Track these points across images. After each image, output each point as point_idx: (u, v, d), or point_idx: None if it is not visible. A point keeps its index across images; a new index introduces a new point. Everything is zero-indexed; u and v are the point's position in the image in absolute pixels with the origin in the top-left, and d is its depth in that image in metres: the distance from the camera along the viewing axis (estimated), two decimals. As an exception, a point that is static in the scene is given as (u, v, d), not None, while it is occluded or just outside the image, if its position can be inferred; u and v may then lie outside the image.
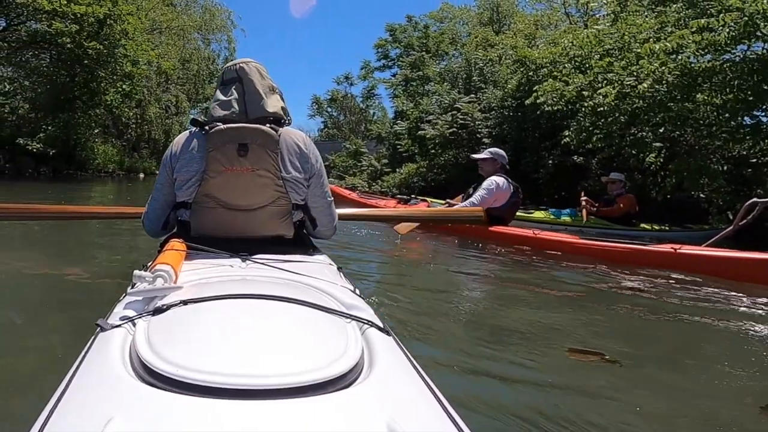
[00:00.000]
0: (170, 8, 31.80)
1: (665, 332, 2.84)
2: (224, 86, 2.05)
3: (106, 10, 19.77)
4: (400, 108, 20.36)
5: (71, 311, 2.62)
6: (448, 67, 19.47)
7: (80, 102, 22.03)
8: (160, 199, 2.07)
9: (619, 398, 1.88)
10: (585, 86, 8.21)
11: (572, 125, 9.03)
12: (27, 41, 20.62)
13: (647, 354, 2.46)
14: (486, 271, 4.16)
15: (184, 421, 0.74)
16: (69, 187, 14.85)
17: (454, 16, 31.76)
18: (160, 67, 27.00)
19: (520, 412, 1.72)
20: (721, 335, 2.79)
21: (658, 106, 7.20)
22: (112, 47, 21.10)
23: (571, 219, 7.49)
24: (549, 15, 18.12)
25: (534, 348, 2.38)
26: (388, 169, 19.10)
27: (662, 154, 8.00)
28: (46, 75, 21.70)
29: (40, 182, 17.65)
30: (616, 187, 7.69)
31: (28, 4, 18.00)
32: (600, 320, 2.96)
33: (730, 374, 2.18)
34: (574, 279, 4.00)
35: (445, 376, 1.93)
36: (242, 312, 1.10)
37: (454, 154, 14.44)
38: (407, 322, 2.63)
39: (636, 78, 7.14)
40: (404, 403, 0.86)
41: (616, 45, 7.79)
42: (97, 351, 1.00)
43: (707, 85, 6.74)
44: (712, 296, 3.50)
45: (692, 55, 6.55)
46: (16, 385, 1.75)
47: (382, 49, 35.98)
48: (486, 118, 13.76)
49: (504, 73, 14.19)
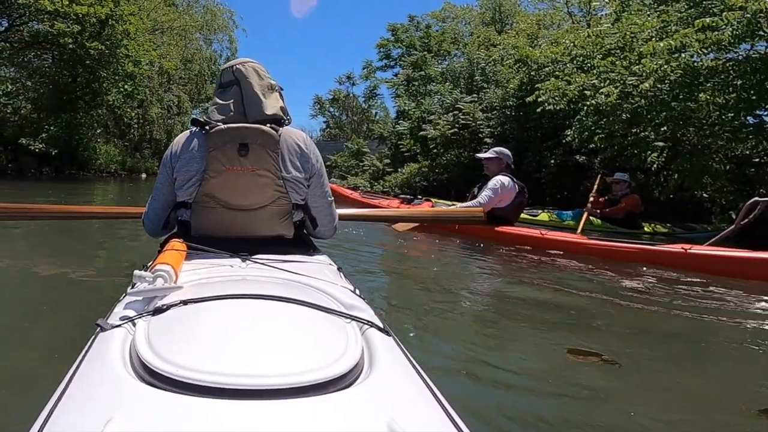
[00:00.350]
0: (172, 8, 31.85)
1: (675, 333, 2.81)
2: (222, 89, 2.05)
3: (108, 11, 19.80)
4: (402, 108, 20.34)
5: (71, 311, 2.62)
6: (450, 66, 19.43)
7: (82, 102, 22.10)
8: (160, 198, 2.06)
9: (616, 398, 1.88)
10: (587, 86, 8.19)
11: (574, 125, 9.02)
12: (29, 42, 20.68)
13: (651, 355, 2.44)
14: (488, 271, 4.14)
15: (184, 421, 0.73)
16: (71, 187, 14.86)
17: (456, 15, 31.69)
18: (161, 67, 27.04)
19: (519, 412, 1.71)
20: (731, 336, 2.77)
21: (660, 105, 7.19)
22: (113, 47, 21.14)
23: (575, 222, 7.44)
24: (552, 14, 18.09)
25: (535, 349, 2.37)
26: (390, 169, 19.10)
27: (665, 154, 7.97)
28: (49, 75, 21.77)
29: (42, 182, 17.67)
30: (620, 187, 7.69)
31: (30, 5, 18.00)
32: (605, 321, 2.94)
33: (739, 376, 2.17)
34: (580, 279, 3.98)
35: (445, 376, 1.93)
36: (242, 312, 1.09)
37: (456, 154, 14.44)
38: (407, 322, 2.61)
39: (638, 77, 7.12)
40: (404, 404, 0.86)
41: (618, 44, 7.77)
42: (97, 351, 1.00)
43: (710, 85, 6.73)
44: (723, 296, 3.49)
45: (695, 54, 6.54)
46: (16, 385, 1.75)
47: (384, 48, 35.96)
48: (488, 118, 13.76)
49: (506, 73, 14.16)
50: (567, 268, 4.40)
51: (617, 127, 7.93)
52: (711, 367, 2.30)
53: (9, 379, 1.81)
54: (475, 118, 13.92)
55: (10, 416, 1.51)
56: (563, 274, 4.28)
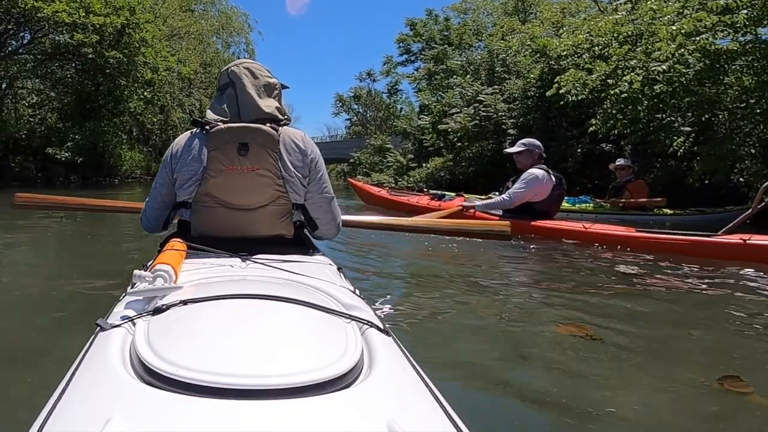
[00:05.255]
0: (188, 14, 32.22)
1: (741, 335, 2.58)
2: (220, 92, 2.09)
3: (124, 20, 20.23)
4: (424, 102, 20.22)
5: (71, 311, 2.65)
6: (470, 59, 19.20)
7: (105, 110, 22.55)
8: (157, 198, 2.08)
9: (620, 391, 1.83)
10: (609, 74, 7.99)
11: (599, 113, 8.82)
12: (51, 53, 21.19)
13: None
14: (502, 269, 3.94)
15: (184, 421, 0.73)
16: (98, 194, 15.04)
17: (478, 7, 31.35)
18: (180, 72, 27.30)
19: (521, 415, 1.69)
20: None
21: (683, 90, 6.97)
22: (132, 55, 21.52)
23: (593, 206, 7.26)
24: (577, 2, 17.58)
25: (538, 349, 2.29)
26: (414, 164, 19.02)
27: (690, 138, 7.70)
28: (71, 85, 22.27)
29: (70, 190, 18.00)
30: (625, 173, 7.46)
31: (50, 18, 18.36)
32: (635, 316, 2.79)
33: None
34: (608, 273, 3.76)
35: (445, 376, 1.91)
36: (242, 312, 1.09)
37: (481, 147, 14.25)
38: (407, 323, 2.61)
39: (659, 63, 6.92)
40: (404, 404, 0.86)
41: (636, 31, 7.58)
42: (97, 351, 1.00)
43: (734, 67, 6.54)
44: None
45: (710, 37, 6.38)
46: (16, 385, 1.77)
47: (403, 43, 35.93)
48: (510, 109, 13.57)
49: (526, 63, 13.89)
50: (611, 262, 4.13)
51: (643, 114, 7.72)
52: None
53: (9, 379, 1.82)
54: (496, 109, 13.73)
55: (10, 416, 1.52)
56: (578, 264, 4.10)
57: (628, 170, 7.50)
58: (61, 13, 18.05)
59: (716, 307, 2.97)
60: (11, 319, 2.45)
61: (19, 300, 2.88)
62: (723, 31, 6.26)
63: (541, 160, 5.51)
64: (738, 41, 6.45)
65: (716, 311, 2.90)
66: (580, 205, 7.36)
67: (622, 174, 7.51)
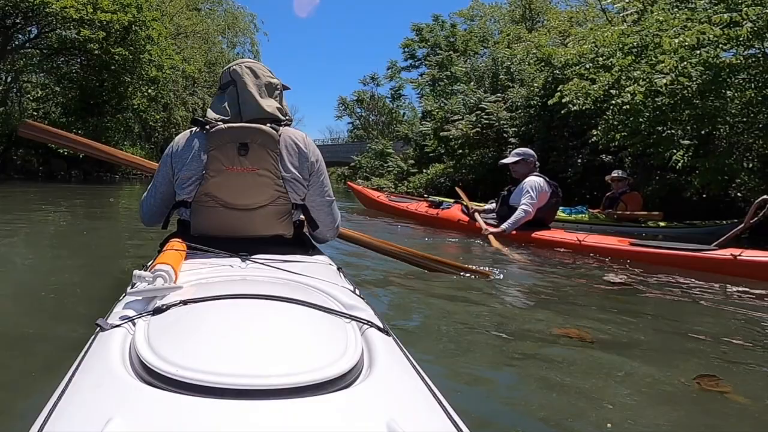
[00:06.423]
0: (195, 12, 32.25)
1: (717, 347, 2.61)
2: (221, 91, 2.09)
3: (131, 17, 20.34)
4: (427, 108, 20.24)
5: (71, 311, 2.63)
6: (474, 66, 19.21)
7: (109, 106, 22.66)
8: (156, 196, 2.09)
9: (615, 397, 1.82)
10: (612, 84, 8.01)
11: (600, 124, 8.83)
12: (58, 48, 21.29)
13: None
14: (500, 275, 3.97)
15: (184, 421, 0.74)
16: (98, 189, 15.09)
17: (485, 14, 31.38)
18: (185, 70, 27.36)
19: (521, 414, 1.69)
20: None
21: (683, 102, 6.99)
22: (137, 53, 21.61)
23: (588, 216, 7.31)
24: (585, 11, 17.57)
25: (537, 350, 2.31)
26: (415, 170, 19.00)
27: (690, 152, 7.73)
28: (76, 80, 22.36)
29: (71, 184, 18.02)
30: (621, 185, 7.50)
31: (57, 13, 18.46)
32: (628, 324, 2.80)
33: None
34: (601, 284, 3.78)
35: (445, 376, 1.92)
36: (242, 312, 1.10)
37: (481, 154, 14.26)
38: (407, 323, 2.61)
39: (662, 75, 6.93)
40: (404, 404, 0.86)
41: (641, 42, 7.59)
42: (97, 351, 1.00)
43: (735, 81, 6.56)
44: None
45: (713, 51, 6.38)
46: (16, 385, 1.75)
47: (408, 48, 35.96)
48: (512, 118, 13.57)
49: (530, 72, 13.91)
50: (601, 271, 4.18)
51: (644, 126, 7.73)
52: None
53: (9, 379, 1.81)
54: (498, 117, 13.75)
55: (10, 416, 1.51)
56: (573, 273, 4.14)
57: (624, 182, 7.53)
58: (69, 9, 18.21)
59: (703, 316, 3.02)
60: (10, 319, 2.44)
61: (18, 300, 2.87)
62: (727, 44, 6.26)
63: (536, 168, 5.61)
64: (741, 55, 6.46)
65: (703, 319, 2.94)
66: (575, 215, 7.40)
67: (618, 185, 7.55)
